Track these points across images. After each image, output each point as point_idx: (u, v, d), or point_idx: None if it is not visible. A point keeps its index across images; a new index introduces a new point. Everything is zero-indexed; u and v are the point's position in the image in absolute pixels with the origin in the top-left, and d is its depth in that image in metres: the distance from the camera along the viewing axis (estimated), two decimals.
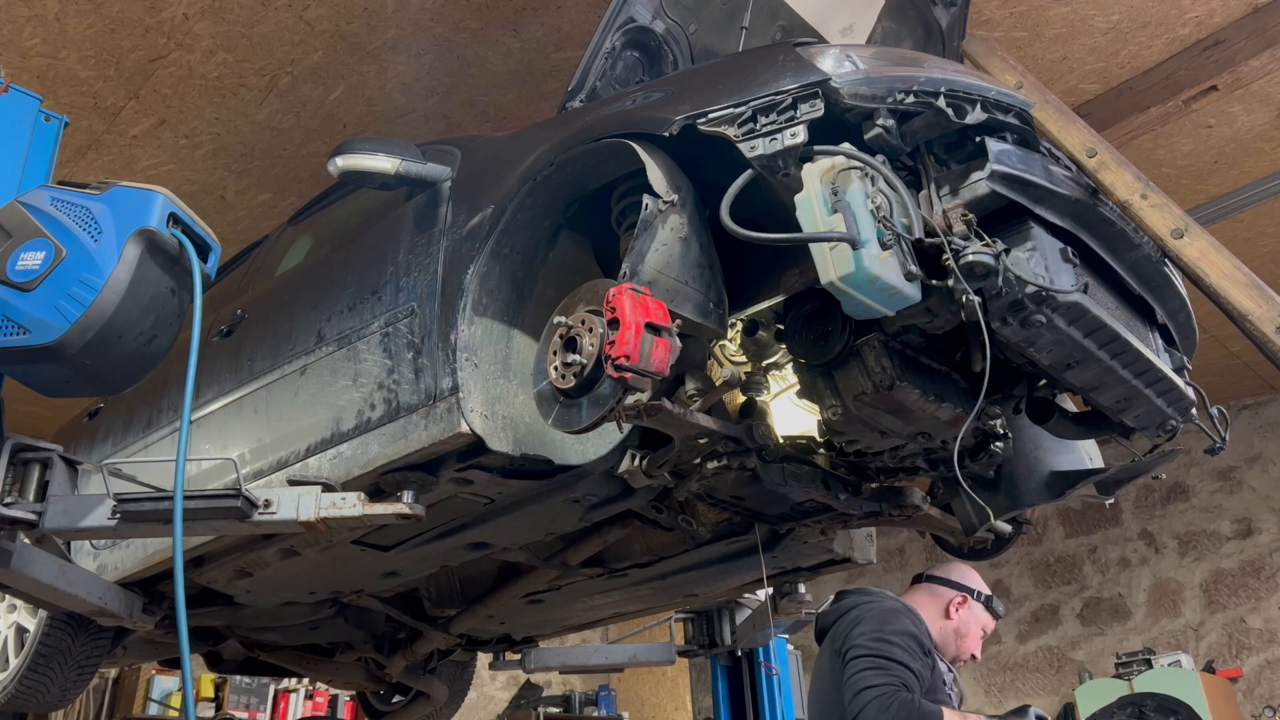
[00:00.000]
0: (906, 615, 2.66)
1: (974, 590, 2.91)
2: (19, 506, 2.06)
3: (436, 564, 3.16)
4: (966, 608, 2.86)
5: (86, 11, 3.59)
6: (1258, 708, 6.35)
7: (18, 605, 3.60)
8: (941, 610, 2.85)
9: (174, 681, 6.40)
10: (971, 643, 2.86)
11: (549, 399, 2.05)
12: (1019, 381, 2.44)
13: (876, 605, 2.67)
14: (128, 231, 1.90)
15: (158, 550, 3.01)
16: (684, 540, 2.99)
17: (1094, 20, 3.93)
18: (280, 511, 2.18)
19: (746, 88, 2.02)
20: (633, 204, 2.15)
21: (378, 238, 2.74)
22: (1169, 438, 2.52)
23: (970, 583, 2.93)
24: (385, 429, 2.43)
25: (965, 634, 2.84)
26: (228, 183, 4.53)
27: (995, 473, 2.79)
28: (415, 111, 4.20)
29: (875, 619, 2.60)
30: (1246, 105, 4.32)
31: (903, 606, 2.73)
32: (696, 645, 4.53)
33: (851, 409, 2.22)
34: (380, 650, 4.01)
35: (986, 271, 1.90)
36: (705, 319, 2.08)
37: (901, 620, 2.61)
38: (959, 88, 2.01)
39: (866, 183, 1.88)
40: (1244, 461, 6.92)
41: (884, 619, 2.60)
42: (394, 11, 3.69)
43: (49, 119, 2.23)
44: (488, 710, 7.83)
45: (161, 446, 3.21)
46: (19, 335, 1.83)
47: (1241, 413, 7.00)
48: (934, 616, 2.82)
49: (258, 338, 2.97)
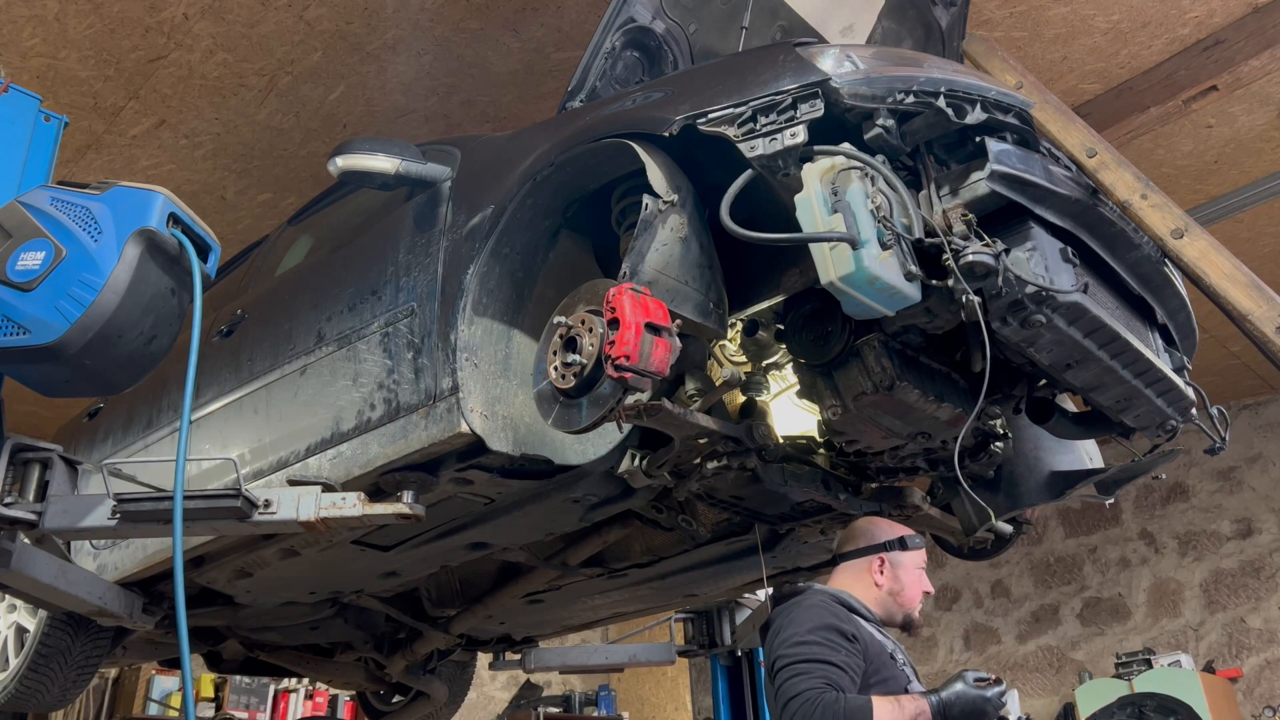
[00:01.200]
0: (824, 608, 2.44)
1: (885, 543, 2.66)
2: (19, 506, 2.06)
3: (436, 564, 3.16)
4: (888, 565, 2.62)
5: (86, 11, 3.59)
6: (1258, 708, 6.35)
7: (18, 605, 3.60)
8: (870, 581, 2.62)
9: (174, 681, 6.40)
10: (912, 593, 2.63)
11: (549, 399, 2.05)
12: (1019, 381, 2.44)
13: (794, 609, 2.48)
14: (128, 231, 1.90)
15: (158, 550, 3.01)
16: (684, 540, 2.99)
17: (1094, 20, 3.93)
18: (280, 511, 2.18)
19: (746, 88, 2.02)
20: (633, 204, 2.15)
21: (378, 238, 2.74)
22: (1169, 438, 2.52)
23: (879, 538, 2.68)
24: (385, 429, 2.43)
25: (900, 589, 2.61)
26: (228, 183, 4.53)
27: (995, 473, 2.79)
28: (415, 111, 4.20)
29: (791, 623, 2.42)
30: (1246, 105, 4.32)
31: (823, 599, 2.53)
32: (696, 645, 4.53)
33: (851, 409, 2.23)
34: (380, 650, 4.01)
35: (986, 271, 1.90)
36: (705, 319, 2.08)
37: (817, 615, 2.41)
38: (959, 88, 2.01)
39: (866, 183, 1.89)
40: (1244, 461, 6.92)
41: (799, 620, 2.41)
42: (394, 11, 3.69)
43: (49, 119, 2.23)
44: (488, 710, 7.83)
45: (161, 446, 3.21)
46: (19, 335, 1.83)
47: (1241, 413, 7.00)
48: (865, 590, 2.61)
49: (258, 338, 2.97)
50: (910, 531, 2.67)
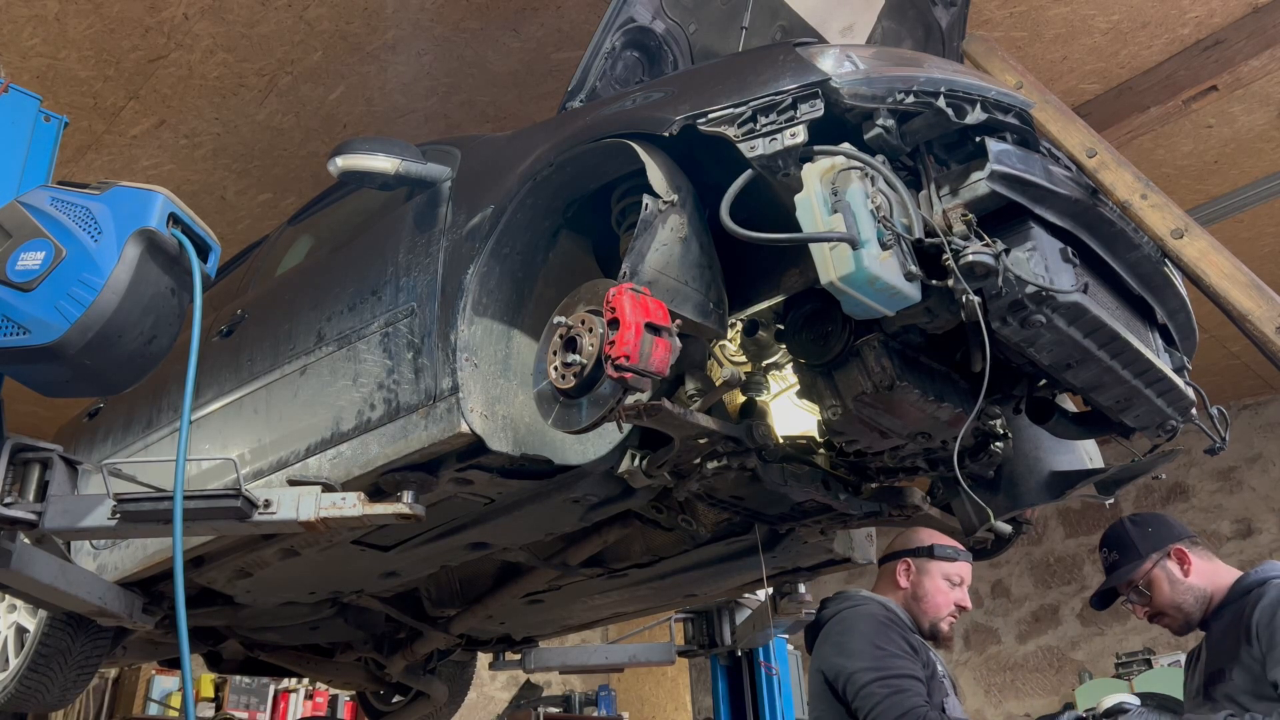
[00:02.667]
0: (886, 618, 2.56)
1: (915, 549, 2.74)
2: (19, 506, 2.06)
3: (436, 564, 3.16)
4: (914, 570, 2.71)
5: (86, 11, 3.59)
6: None
7: (18, 605, 3.60)
8: (894, 584, 2.72)
9: (174, 681, 6.40)
10: (935, 601, 2.69)
11: (549, 399, 2.05)
12: (1019, 381, 2.44)
13: (853, 616, 2.55)
14: (128, 231, 1.90)
15: (158, 550, 3.01)
16: (684, 540, 2.99)
17: (1094, 20, 3.93)
18: (280, 511, 2.18)
19: (746, 88, 2.02)
20: (633, 204, 2.15)
21: (378, 238, 2.74)
22: (1169, 438, 2.52)
23: (911, 544, 2.77)
24: (385, 429, 2.43)
25: (923, 596, 2.69)
26: (228, 183, 4.53)
27: (995, 473, 2.79)
28: (415, 111, 4.20)
29: (861, 635, 2.49)
30: (1246, 105, 4.32)
31: (879, 606, 2.61)
32: (696, 645, 4.53)
33: (851, 409, 2.22)
34: (380, 650, 4.01)
35: (986, 271, 1.90)
36: (705, 319, 2.08)
37: (884, 628, 2.51)
38: (959, 88, 2.01)
39: (866, 183, 1.88)
40: (1244, 461, 6.92)
41: (869, 634, 2.49)
42: (394, 11, 3.69)
43: (49, 119, 2.23)
44: (488, 710, 7.83)
45: (161, 446, 3.21)
46: (19, 335, 1.83)
47: (1241, 413, 6.99)
48: (894, 596, 2.70)
49: (258, 338, 2.97)
50: (949, 542, 2.75)
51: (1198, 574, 2.67)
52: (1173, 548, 2.70)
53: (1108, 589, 2.82)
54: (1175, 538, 2.73)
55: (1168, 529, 2.76)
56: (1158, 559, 2.69)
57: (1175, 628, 2.75)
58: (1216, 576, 2.68)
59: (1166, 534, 2.74)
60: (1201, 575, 2.68)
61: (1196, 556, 2.69)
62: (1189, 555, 2.69)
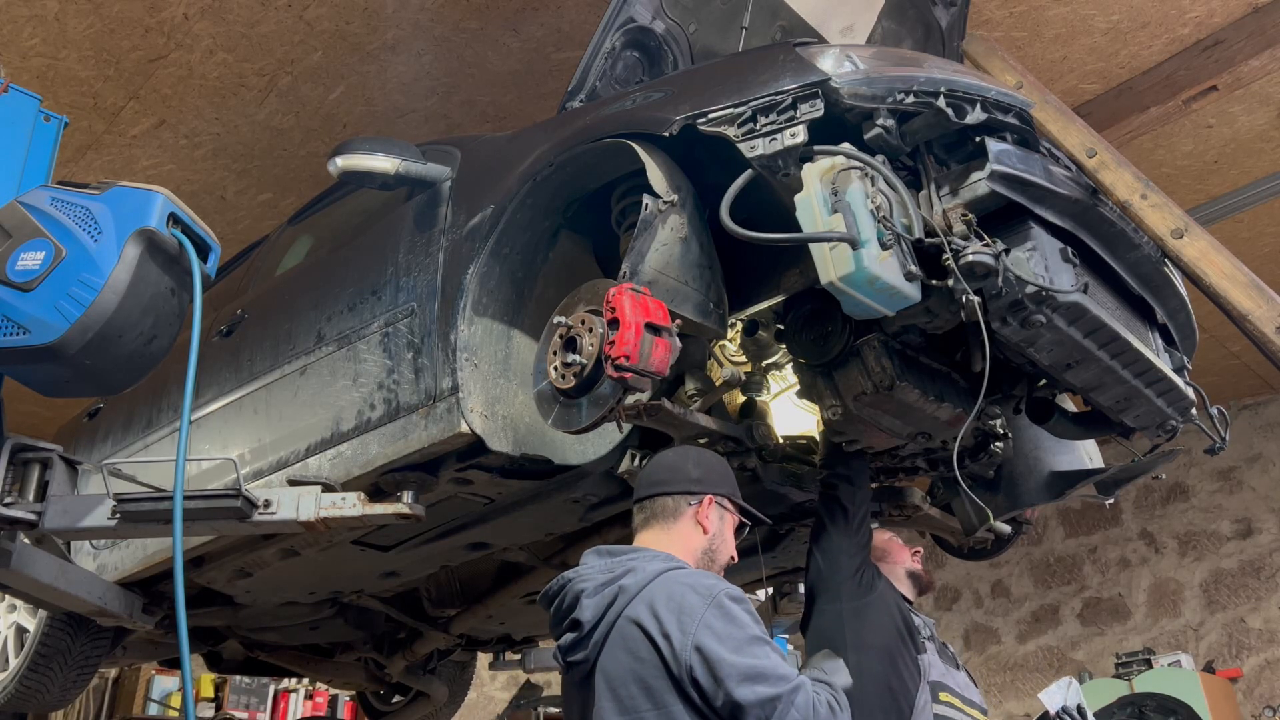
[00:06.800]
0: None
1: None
2: (19, 506, 2.06)
3: (436, 564, 3.16)
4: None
5: (86, 11, 3.59)
6: (1258, 708, 6.35)
7: (18, 605, 3.60)
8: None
9: (174, 681, 6.40)
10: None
11: (549, 399, 2.04)
12: (1019, 381, 2.44)
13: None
14: (128, 231, 1.90)
15: (158, 550, 3.01)
16: None
17: (1094, 20, 3.93)
18: (280, 511, 2.18)
19: (746, 88, 2.02)
20: (633, 204, 2.15)
21: (378, 238, 2.74)
22: (1169, 438, 2.52)
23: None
24: (385, 429, 2.43)
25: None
26: (228, 183, 4.52)
27: (995, 473, 2.79)
28: (415, 111, 4.20)
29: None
30: (1246, 105, 4.32)
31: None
32: None
33: (852, 409, 2.22)
34: (380, 650, 4.01)
35: (986, 271, 1.90)
36: (705, 319, 2.08)
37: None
38: (959, 88, 2.01)
39: (866, 183, 1.88)
40: (1244, 461, 6.92)
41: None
42: (394, 11, 3.69)
43: (49, 119, 2.23)
44: (488, 710, 7.83)
45: (161, 446, 3.21)
46: (19, 335, 1.82)
47: (1241, 413, 6.99)
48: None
49: (258, 338, 2.97)
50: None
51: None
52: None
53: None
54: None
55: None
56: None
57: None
58: None
59: None
60: None
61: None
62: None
